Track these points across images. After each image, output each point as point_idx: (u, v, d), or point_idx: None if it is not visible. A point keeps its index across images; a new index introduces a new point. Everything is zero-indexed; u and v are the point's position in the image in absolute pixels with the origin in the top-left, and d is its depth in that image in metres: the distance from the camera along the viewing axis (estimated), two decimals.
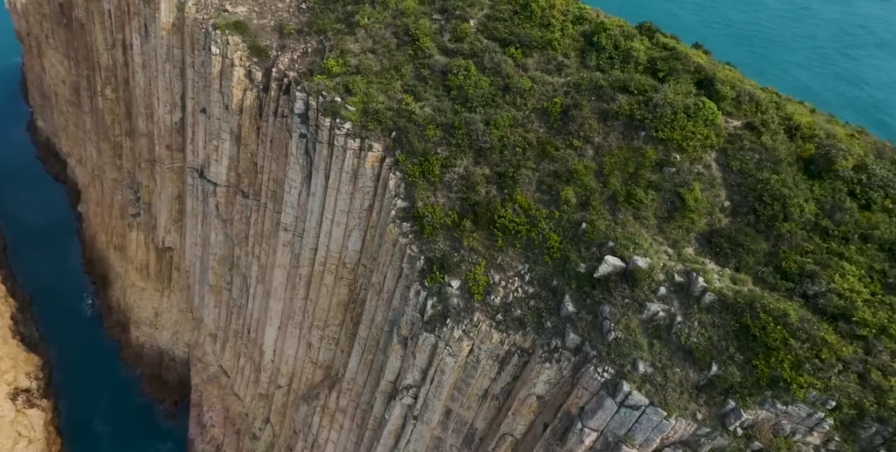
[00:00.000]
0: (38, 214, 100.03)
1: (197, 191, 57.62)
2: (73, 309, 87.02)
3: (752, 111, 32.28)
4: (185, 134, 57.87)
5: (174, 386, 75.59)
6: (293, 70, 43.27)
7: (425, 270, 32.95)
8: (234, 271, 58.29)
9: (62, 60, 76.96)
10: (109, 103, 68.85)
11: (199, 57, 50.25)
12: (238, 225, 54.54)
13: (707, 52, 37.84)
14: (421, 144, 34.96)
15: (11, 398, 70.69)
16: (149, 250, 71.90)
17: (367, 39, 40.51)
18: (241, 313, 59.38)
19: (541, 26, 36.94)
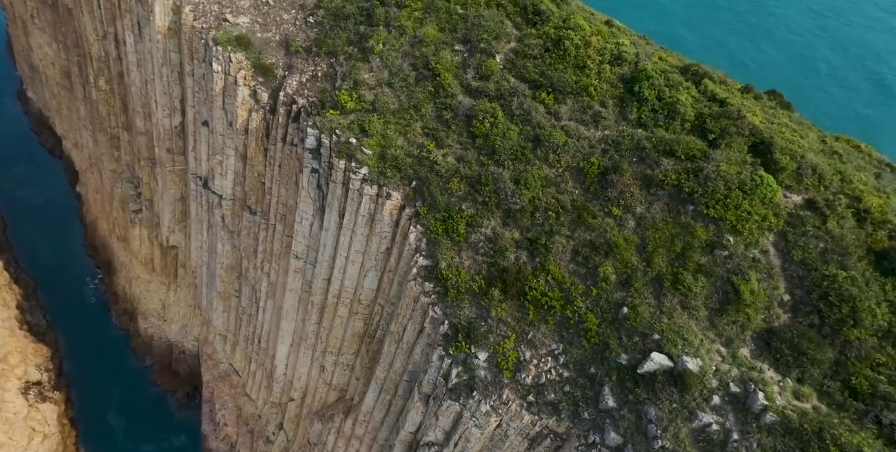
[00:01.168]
0: (35, 191, 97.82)
1: (201, 199, 55.53)
2: (78, 294, 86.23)
3: (814, 185, 29.71)
4: (186, 139, 55.20)
5: (185, 378, 75.72)
6: (302, 96, 40.38)
7: (449, 335, 31.57)
8: (242, 280, 56.96)
9: (50, 43, 72.88)
10: (104, 95, 65.53)
11: (199, 69, 47.09)
12: (246, 239, 52.79)
13: (758, 97, 34.70)
14: (444, 198, 32.81)
15: (23, 392, 70.83)
16: (153, 245, 70.31)
17: (382, 69, 37.48)
18: (252, 321, 58.48)
19: (575, 68, 33.84)
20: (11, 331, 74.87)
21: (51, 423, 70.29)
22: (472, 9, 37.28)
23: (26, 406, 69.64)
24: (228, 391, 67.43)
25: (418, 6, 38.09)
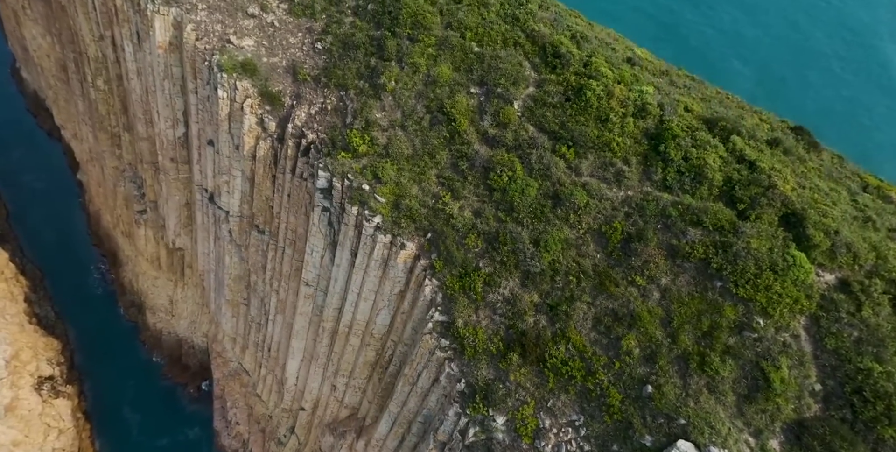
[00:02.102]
0: (35, 176, 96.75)
1: (207, 212, 54.91)
2: (84, 284, 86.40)
3: (848, 264, 28.98)
4: (190, 151, 54.06)
5: (196, 371, 76.72)
6: (312, 130, 39.23)
7: (466, 394, 31.65)
8: (251, 291, 56.88)
9: (44, 35, 70.52)
10: (102, 94, 63.86)
11: (203, 90, 45.67)
12: (254, 255, 52.41)
13: (787, 150, 33.33)
14: (460, 254, 32.29)
15: (36, 388, 71.85)
16: (159, 245, 69.97)
17: (395, 109, 36.25)
18: (261, 330, 58.73)
19: (597, 120, 32.61)
20: (21, 326, 75.39)
21: (65, 418, 71.60)
22: (489, 47, 35.74)
23: (40, 403, 70.78)
24: (239, 389, 68.39)
25: (431, 42, 36.52)
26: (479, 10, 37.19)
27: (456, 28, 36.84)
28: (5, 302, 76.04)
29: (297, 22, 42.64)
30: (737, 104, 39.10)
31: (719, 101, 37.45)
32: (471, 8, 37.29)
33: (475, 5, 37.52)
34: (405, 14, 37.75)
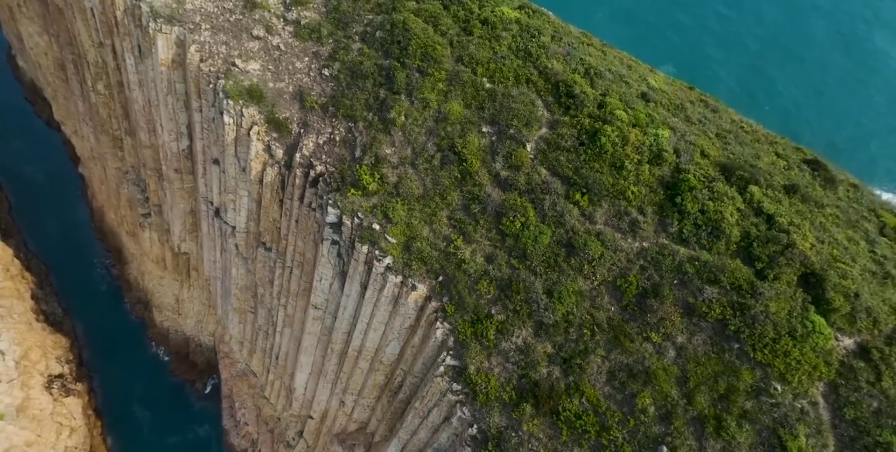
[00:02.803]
0: (36, 166, 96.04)
1: (213, 225, 54.71)
2: (89, 279, 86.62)
3: (867, 328, 28.92)
4: (195, 164, 53.52)
5: (204, 369, 77.58)
6: (320, 161, 38.74)
7: (478, 439, 32.06)
8: (258, 302, 57.08)
9: (41, 33, 69.02)
10: (103, 99, 62.87)
11: (208, 111, 45.00)
12: (261, 270, 52.41)
13: (806, 197, 32.69)
14: (472, 299, 32.31)
15: (47, 387, 72.76)
16: (164, 247, 69.94)
17: (405, 145, 35.73)
18: (269, 338, 59.15)
19: (611, 167, 32.14)
20: (29, 325, 75.91)
21: (76, 416, 72.72)
22: (501, 84, 35.00)
23: (51, 402, 71.77)
24: (247, 390, 69.28)
25: (442, 76, 35.74)
26: (491, 44, 36.33)
27: (467, 63, 36.04)
28: (13, 301, 76.39)
29: (303, 46, 41.68)
30: (752, 135, 38.46)
31: (735, 135, 36.82)
32: (482, 40, 36.42)
33: (486, 37, 36.64)
34: (415, 45, 36.88)
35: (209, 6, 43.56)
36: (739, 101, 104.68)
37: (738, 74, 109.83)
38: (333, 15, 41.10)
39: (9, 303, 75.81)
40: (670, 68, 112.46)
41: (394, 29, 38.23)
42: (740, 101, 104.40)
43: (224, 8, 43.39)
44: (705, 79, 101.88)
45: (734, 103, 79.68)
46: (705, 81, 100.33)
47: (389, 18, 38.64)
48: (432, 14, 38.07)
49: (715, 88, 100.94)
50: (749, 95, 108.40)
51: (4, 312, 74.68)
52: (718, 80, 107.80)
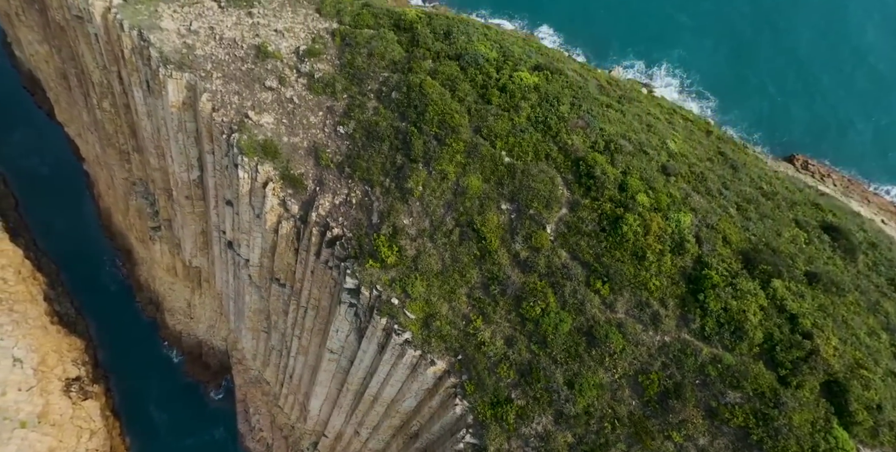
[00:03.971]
0: (39, 160, 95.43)
1: (225, 251, 54.92)
2: (100, 277, 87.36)
3: (890, 442, 29.54)
4: (206, 195, 53.37)
5: (217, 370, 79.25)
6: (337, 223, 38.78)
7: None
8: (272, 326, 57.95)
9: (41, 42, 67.45)
10: (109, 115, 62.08)
11: (221, 159, 44.67)
12: (275, 302, 53.02)
13: (828, 286, 32.68)
14: (491, 381, 33.03)
15: (65, 391, 74.64)
16: (175, 257, 70.36)
17: (422, 217, 35.72)
18: (283, 359, 60.30)
19: (633, 256, 32.18)
20: (44, 329, 77.19)
21: (95, 419, 74.88)
22: (520, 159, 34.68)
23: (70, 406, 73.77)
24: (261, 397, 71.09)
25: (460, 148, 35.38)
26: (510, 115, 35.77)
27: (486, 135, 35.62)
28: (26, 305, 77.40)
29: (317, 99, 41.02)
30: (772, 199, 38.10)
31: (755, 204, 36.53)
32: (500, 110, 35.85)
33: (505, 107, 36.05)
34: (432, 111, 36.35)
35: (220, 53, 42.62)
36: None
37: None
38: (348, 69, 40.29)
39: (23, 308, 76.83)
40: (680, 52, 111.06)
41: (410, 92, 37.58)
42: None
43: (235, 56, 42.46)
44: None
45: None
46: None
47: (405, 79, 37.92)
48: (449, 77, 37.34)
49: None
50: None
51: (19, 317, 75.81)
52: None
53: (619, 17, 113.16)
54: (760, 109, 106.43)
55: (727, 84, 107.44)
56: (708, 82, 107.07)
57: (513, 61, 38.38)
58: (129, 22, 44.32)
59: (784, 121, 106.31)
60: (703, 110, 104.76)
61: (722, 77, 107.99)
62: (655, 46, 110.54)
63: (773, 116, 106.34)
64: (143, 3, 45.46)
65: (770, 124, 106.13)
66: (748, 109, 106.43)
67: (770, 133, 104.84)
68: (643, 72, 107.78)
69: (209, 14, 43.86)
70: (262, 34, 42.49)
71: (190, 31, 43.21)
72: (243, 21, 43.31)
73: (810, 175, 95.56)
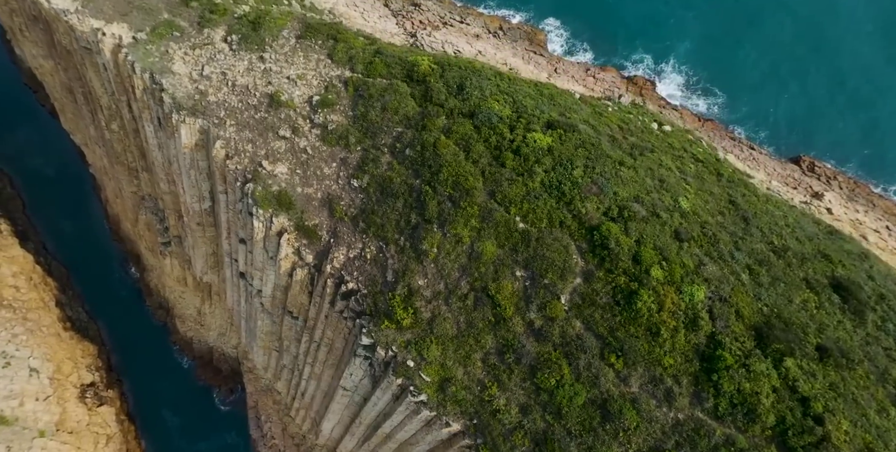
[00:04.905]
0: (44, 159, 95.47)
1: (237, 277, 55.63)
2: (109, 281, 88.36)
3: None
4: (218, 224, 53.77)
5: (228, 375, 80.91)
6: (352, 277, 39.40)
7: None
8: (283, 349, 59.03)
9: (45, 57, 66.74)
10: (118, 136, 62.03)
11: (235, 202, 44.96)
12: (287, 331, 53.97)
13: (840, 364, 33.21)
14: (506, 448, 34.30)
15: (80, 398, 76.46)
16: (185, 271, 71.14)
17: (437, 279, 36.31)
18: (295, 378, 61.58)
19: (647, 331, 32.86)
20: (58, 336, 78.58)
21: (111, 424, 76.90)
22: (534, 225, 35.06)
23: (86, 413, 75.69)
24: (272, 406, 72.84)
25: (474, 212, 35.74)
26: (524, 179, 36.01)
27: (500, 200, 35.94)
28: (39, 313, 78.65)
29: (330, 151, 41.15)
30: (783, 257, 38.55)
31: (767, 265, 37.03)
32: (514, 174, 36.07)
33: (519, 171, 36.25)
34: (446, 173, 36.60)
35: (233, 100, 42.56)
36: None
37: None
38: (361, 123, 40.34)
39: (36, 316, 78.07)
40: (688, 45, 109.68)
41: (424, 151, 37.74)
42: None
43: (248, 103, 42.40)
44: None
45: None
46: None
47: (419, 137, 38.05)
48: (463, 136, 37.44)
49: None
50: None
51: (33, 326, 77.11)
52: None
53: (626, 9, 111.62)
54: (768, 106, 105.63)
55: (736, 80, 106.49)
56: (716, 78, 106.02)
57: (526, 118, 38.40)
58: (141, 64, 44.09)
59: (792, 119, 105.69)
60: (710, 108, 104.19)
61: (730, 72, 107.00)
62: (664, 39, 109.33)
63: (781, 114, 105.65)
64: (153, 42, 45.15)
65: (778, 123, 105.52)
66: (756, 106, 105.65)
67: (777, 132, 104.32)
68: (651, 68, 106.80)
69: (221, 58, 43.59)
70: (275, 82, 42.34)
71: (202, 77, 43.05)
72: (255, 66, 43.08)
73: (816, 178, 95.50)
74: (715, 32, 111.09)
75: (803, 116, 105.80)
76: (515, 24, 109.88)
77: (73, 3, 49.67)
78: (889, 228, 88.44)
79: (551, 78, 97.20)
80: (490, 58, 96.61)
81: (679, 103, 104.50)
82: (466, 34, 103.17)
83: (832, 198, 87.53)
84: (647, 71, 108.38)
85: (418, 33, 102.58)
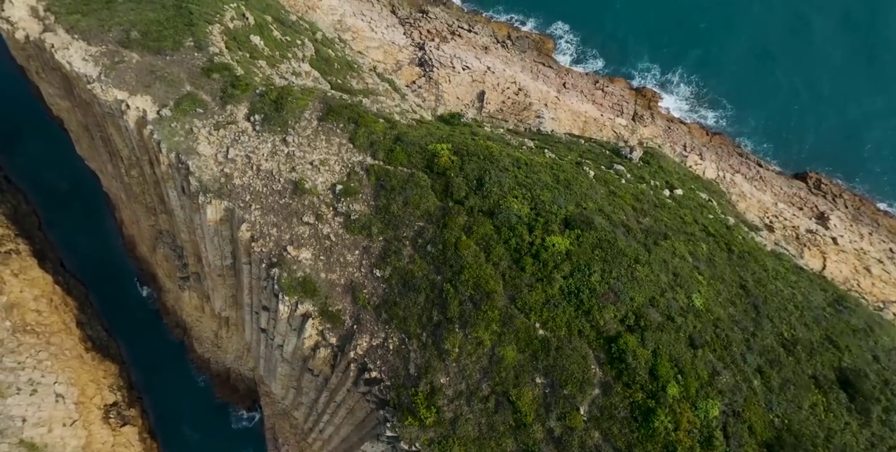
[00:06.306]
0: (57, 174, 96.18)
1: (258, 329, 57.42)
2: (127, 298, 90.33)
3: None
4: (240, 283, 55.30)
5: (245, 393, 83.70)
6: (375, 366, 41.15)
7: None
8: (302, 393, 61.24)
9: (63, 98, 67.09)
10: (137, 181, 63.01)
11: (259, 281, 46.29)
12: (307, 384, 56.01)
13: None
14: None
15: (104, 419, 79.41)
16: (203, 302, 72.95)
17: (459, 379, 38.04)
18: (313, 416, 63.98)
19: (664, 449, 34.62)
20: (80, 358, 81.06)
21: (134, 443, 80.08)
22: (554, 333, 36.59)
23: (111, 434, 78.75)
24: (289, 429, 75.70)
25: (495, 316, 37.26)
26: (543, 285, 37.36)
27: (520, 307, 37.37)
28: (62, 336, 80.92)
29: (353, 239, 42.40)
30: (793, 357, 40.03)
31: (779, 369, 38.60)
32: (534, 280, 37.39)
33: (538, 276, 37.56)
34: (467, 274, 37.97)
35: (258, 184, 43.59)
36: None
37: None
38: (383, 214, 41.47)
39: (59, 339, 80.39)
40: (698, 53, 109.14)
41: (446, 250, 39.01)
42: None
43: (273, 189, 43.44)
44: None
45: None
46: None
47: (441, 235, 39.27)
48: (483, 237, 38.67)
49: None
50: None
51: (56, 350, 79.50)
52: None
53: (636, 16, 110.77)
54: (776, 120, 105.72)
55: (744, 91, 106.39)
56: (724, 89, 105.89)
57: (544, 217, 39.50)
58: (167, 144, 44.95)
59: (800, 131, 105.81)
60: (718, 122, 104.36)
61: (739, 84, 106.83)
62: (672, 47, 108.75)
63: (789, 126, 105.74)
64: (177, 119, 45.90)
65: (786, 135, 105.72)
66: (764, 119, 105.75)
67: (785, 145, 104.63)
68: (658, 78, 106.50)
69: (245, 139, 44.42)
70: (299, 168, 43.27)
71: (227, 159, 43.99)
72: (279, 150, 43.96)
73: (822, 195, 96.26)
74: (724, 42, 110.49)
75: (812, 129, 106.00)
76: (524, 31, 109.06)
77: (96, 69, 50.22)
78: (892, 250, 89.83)
79: (560, 95, 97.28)
80: (499, 75, 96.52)
81: (687, 118, 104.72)
82: (475, 46, 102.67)
83: (837, 222, 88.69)
84: (655, 80, 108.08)
85: (426, 45, 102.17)
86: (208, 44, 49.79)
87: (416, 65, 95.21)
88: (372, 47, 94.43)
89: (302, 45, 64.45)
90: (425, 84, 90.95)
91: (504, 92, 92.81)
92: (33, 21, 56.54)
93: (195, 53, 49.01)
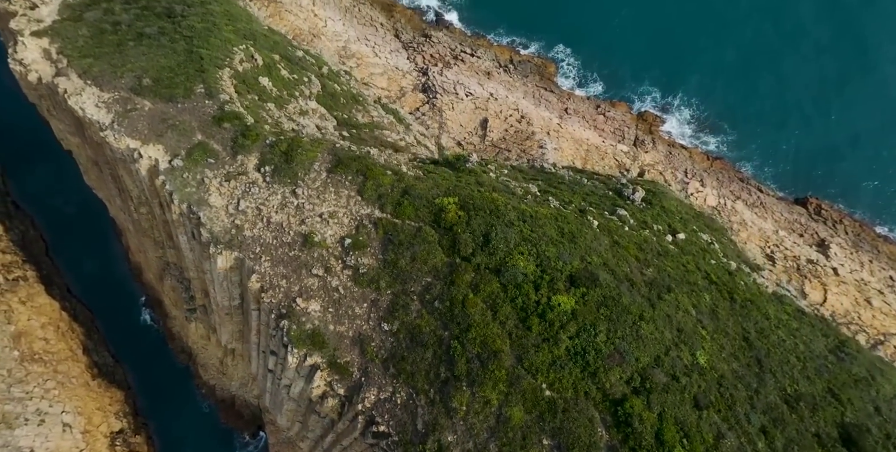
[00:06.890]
0: (64, 198, 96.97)
1: (265, 367, 58.13)
2: (133, 323, 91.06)
3: None
4: (248, 323, 56.05)
5: (249, 419, 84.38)
6: (382, 419, 41.85)
7: None
8: (308, 429, 61.93)
9: (73, 134, 67.91)
10: (146, 217, 63.79)
11: (268, 330, 47.02)
12: (314, 424, 56.70)
13: None
14: None
15: (111, 447, 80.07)
16: (210, 332, 73.67)
17: (467, 438, 38.71)
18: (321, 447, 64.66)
19: None
20: (87, 386, 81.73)
21: None
22: (560, 394, 37.29)
23: None
24: None
25: (502, 376, 37.97)
26: (549, 346, 38.09)
27: (527, 367, 38.09)
28: (69, 364, 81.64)
29: (361, 291, 43.12)
30: (795, 411, 40.62)
31: (782, 428, 39.21)
32: (540, 340, 38.11)
33: (545, 336, 38.28)
34: (474, 332, 38.69)
35: (267, 236, 44.34)
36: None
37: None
38: (391, 269, 42.19)
39: (66, 367, 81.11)
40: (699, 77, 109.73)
41: (453, 307, 39.74)
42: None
43: (283, 241, 44.19)
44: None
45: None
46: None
47: (448, 292, 40.00)
48: (490, 295, 39.40)
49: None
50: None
51: (63, 378, 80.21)
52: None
53: (636, 39, 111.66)
54: (778, 142, 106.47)
55: (744, 115, 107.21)
56: (725, 113, 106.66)
57: (549, 274, 40.26)
58: (179, 195, 45.72)
59: (801, 156, 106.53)
60: (719, 147, 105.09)
61: (740, 107, 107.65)
62: (673, 71, 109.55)
63: (790, 150, 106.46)
64: (189, 169, 46.67)
65: (786, 160, 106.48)
66: (765, 143, 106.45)
67: (786, 170, 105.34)
68: (657, 103, 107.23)
69: (255, 191, 45.17)
70: (308, 221, 44.03)
71: (238, 211, 44.74)
72: (289, 202, 44.71)
73: (822, 222, 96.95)
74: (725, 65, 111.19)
75: (813, 153, 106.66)
76: (526, 55, 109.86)
77: (108, 116, 51.04)
78: (892, 278, 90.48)
79: (563, 122, 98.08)
80: (502, 102, 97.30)
81: (689, 142, 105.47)
82: (477, 72, 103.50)
83: (837, 250, 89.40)
84: (655, 103, 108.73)
85: (430, 70, 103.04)
86: (219, 91, 50.58)
87: (419, 91, 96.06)
88: (376, 74, 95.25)
89: (309, 82, 65.27)
90: (429, 111, 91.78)
91: (507, 120, 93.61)
92: (46, 63, 57.39)
93: (206, 101, 49.80)
